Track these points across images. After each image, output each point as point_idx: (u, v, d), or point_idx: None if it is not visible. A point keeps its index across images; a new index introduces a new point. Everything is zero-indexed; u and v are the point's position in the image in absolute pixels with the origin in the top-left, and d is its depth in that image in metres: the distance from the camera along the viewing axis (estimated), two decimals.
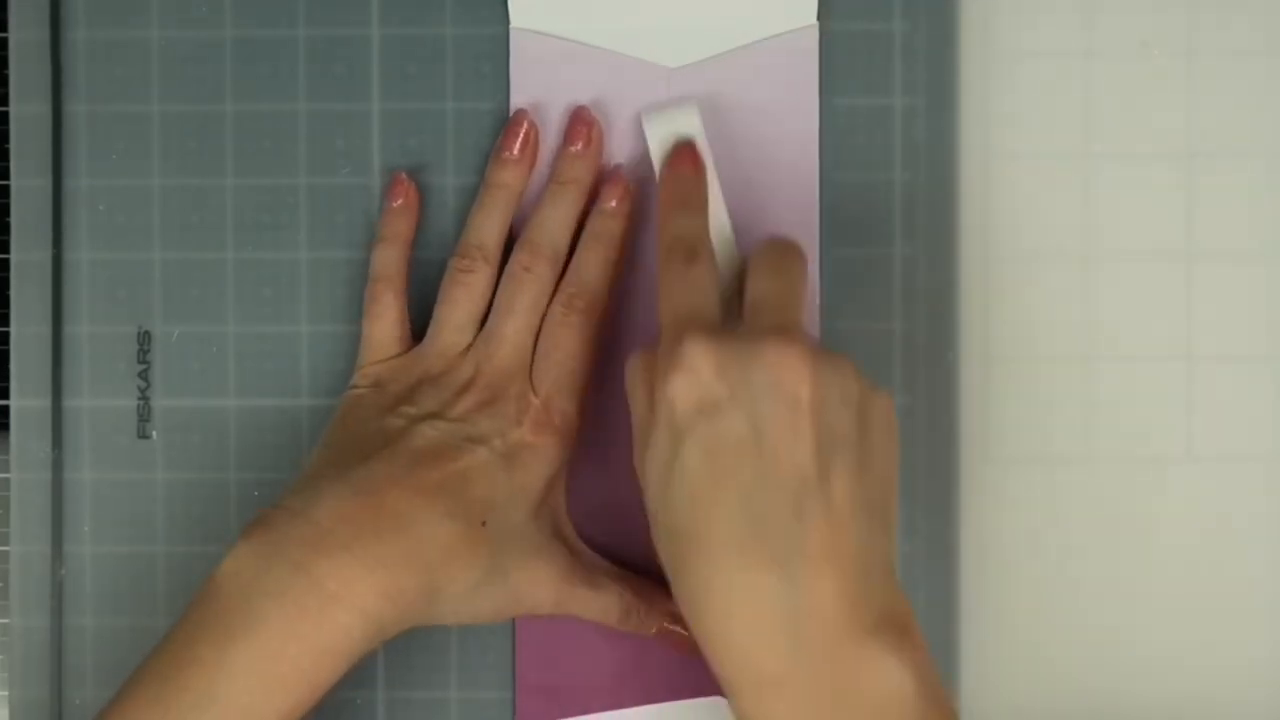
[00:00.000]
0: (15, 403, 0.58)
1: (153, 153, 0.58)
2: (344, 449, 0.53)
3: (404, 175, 0.57)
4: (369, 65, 0.58)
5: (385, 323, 0.56)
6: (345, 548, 0.49)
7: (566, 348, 0.54)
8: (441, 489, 0.51)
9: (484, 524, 0.51)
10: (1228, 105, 0.58)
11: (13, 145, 0.58)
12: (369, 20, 0.58)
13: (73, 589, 0.58)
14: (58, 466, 0.58)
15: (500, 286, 0.55)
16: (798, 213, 0.57)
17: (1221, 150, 0.58)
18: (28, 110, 0.58)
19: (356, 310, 0.58)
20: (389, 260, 0.56)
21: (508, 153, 0.56)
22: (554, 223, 0.55)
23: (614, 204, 0.56)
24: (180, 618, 0.49)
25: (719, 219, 0.55)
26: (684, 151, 0.55)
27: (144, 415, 0.58)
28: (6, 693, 0.58)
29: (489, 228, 0.56)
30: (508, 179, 0.56)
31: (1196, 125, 0.58)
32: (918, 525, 0.57)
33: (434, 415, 0.53)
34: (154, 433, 0.58)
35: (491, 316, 0.55)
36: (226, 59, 0.58)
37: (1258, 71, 0.58)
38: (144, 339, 0.58)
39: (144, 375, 0.58)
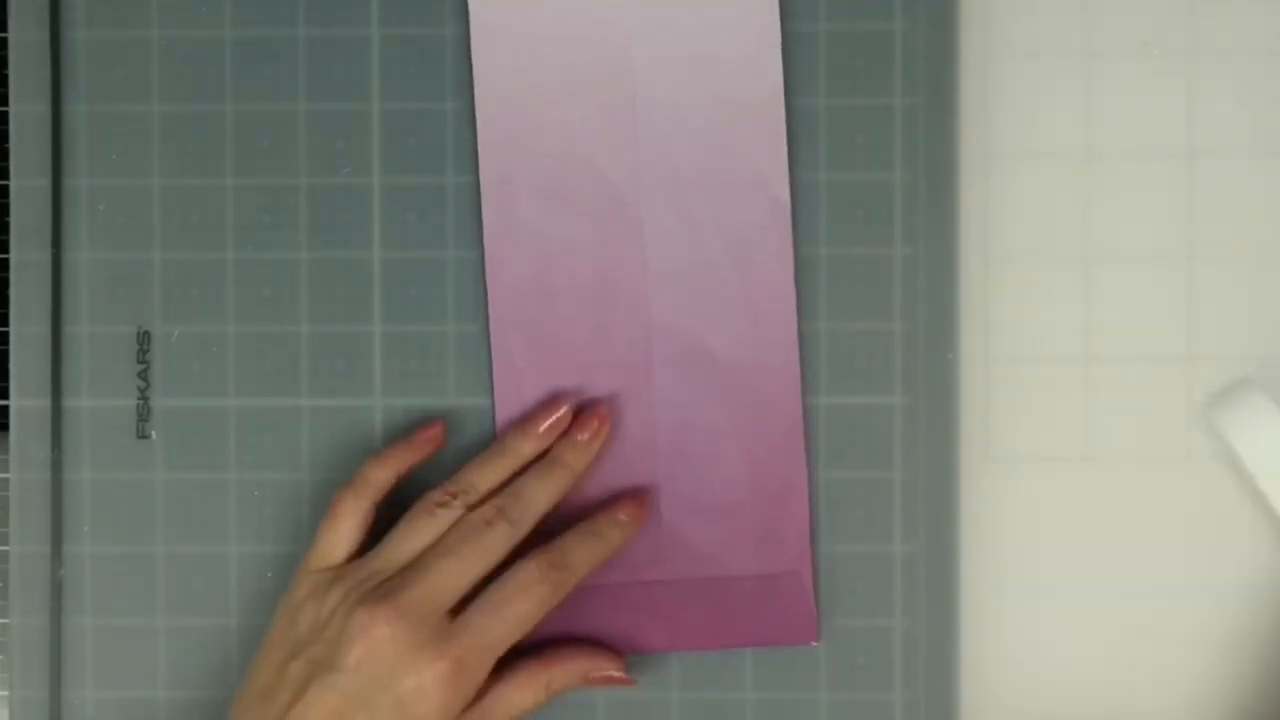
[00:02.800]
0: (15, 403, 0.58)
1: (153, 153, 0.58)
2: (263, 697, 0.53)
3: (441, 425, 0.57)
4: (369, 65, 0.58)
5: (340, 531, 0.55)
6: None
7: (521, 612, 0.53)
8: None
9: None
10: (1228, 105, 0.58)
11: (13, 145, 0.58)
12: (369, 20, 0.58)
13: (73, 589, 0.58)
14: (58, 466, 0.58)
15: (453, 527, 0.54)
16: (764, 151, 0.57)
17: (1221, 150, 0.58)
18: (28, 110, 0.58)
19: (356, 310, 0.58)
20: (376, 478, 0.56)
21: (534, 427, 0.56)
22: (534, 497, 0.55)
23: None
24: None
25: None
26: None
27: (144, 415, 0.58)
28: (7, 693, 0.58)
29: (485, 479, 0.55)
30: (523, 449, 0.56)
31: (1196, 125, 0.58)
32: (918, 525, 0.57)
33: (331, 667, 0.52)
34: (154, 433, 0.58)
35: (429, 551, 0.54)
36: (226, 59, 0.58)
37: (1258, 71, 0.58)
38: (144, 339, 0.58)
39: (144, 375, 0.58)
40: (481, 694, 0.54)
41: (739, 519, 0.58)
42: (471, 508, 0.55)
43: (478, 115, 0.57)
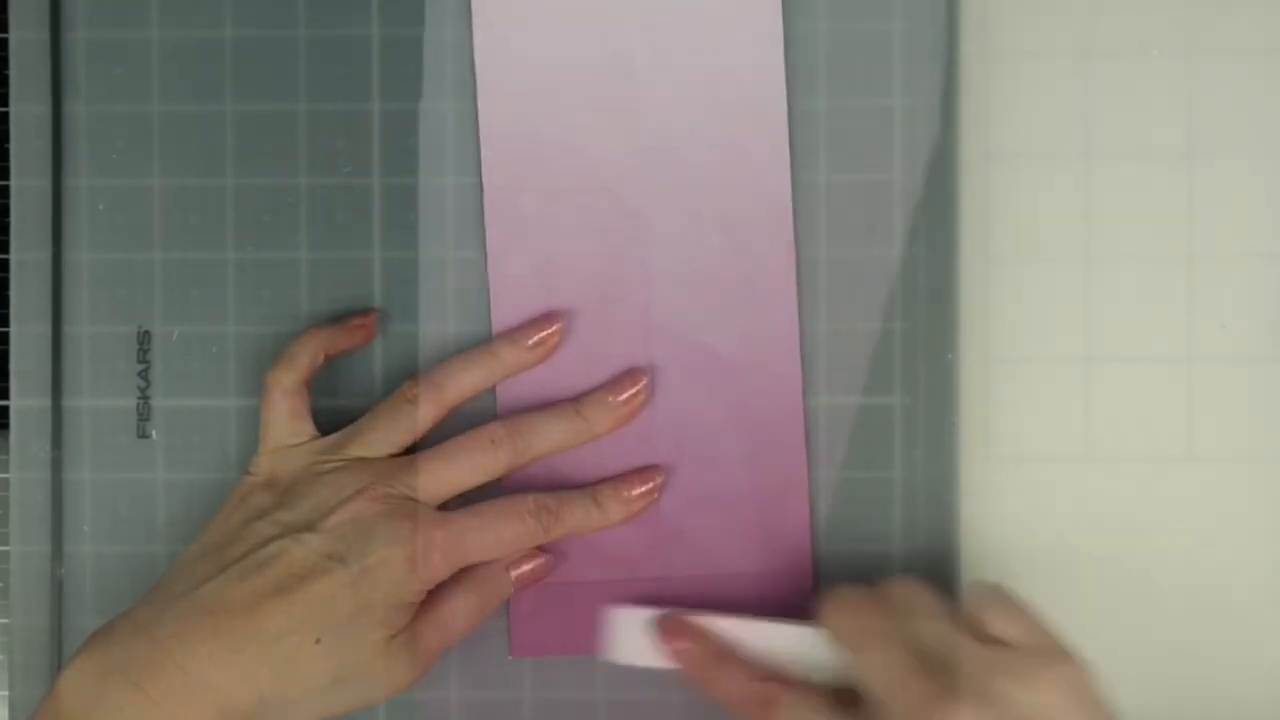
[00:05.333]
0: (15, 403, 0.58)
1: (153, 153, 0.58)
2: (213, 550, 0.53)
3: (374, 315, 0.57)
4: (368, 65, 0.58)
5: (282, 409, 0.55)
6: (180, 668, 0.50)
7: (504, 537, 0.54)
8: (285, 614, 0.51)
9: (318, 641, 0.51)
10: (1228, 105, 0.58)
11: (13, 145, 0.58)
12: (369, 20, 0.58)
13: (73, 589, 0.58)
14: (58, 466, 0.58)
15: (461, 436, 0.55)
16: (766, 150, 0.57)
17: (1221, 150, 0.58)
18: (28, 110, 0.58)
19: (356, 310, 0.58)
20: (300, 356, 0.56)
21: (523, 338, 0.56)
22: (547, 436, 0.56)
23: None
24: None
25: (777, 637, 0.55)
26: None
27: (144, 415, 0.58)
28: (6, 693, 0.58)
29: (461, 380, 0.56)
30: (509, 358, 0.56)
31: (1196, 125, 0.58)
32: (918, 525, 0.57)
33: (305, 528, 0.52)
34: (154, 433, 0.58)
35: (433, 449, 0.54)
36: (226, 59, 0.58)
37: (1258, 71, 0.58)
38: (144, 339, 0.58)
39: (144, 375, 0.58)
40: (418, 666, 0.53)
41: (739, 516, 0.58)
42: (441, 406, 0.55)
43: (480, 115, 0.58)
